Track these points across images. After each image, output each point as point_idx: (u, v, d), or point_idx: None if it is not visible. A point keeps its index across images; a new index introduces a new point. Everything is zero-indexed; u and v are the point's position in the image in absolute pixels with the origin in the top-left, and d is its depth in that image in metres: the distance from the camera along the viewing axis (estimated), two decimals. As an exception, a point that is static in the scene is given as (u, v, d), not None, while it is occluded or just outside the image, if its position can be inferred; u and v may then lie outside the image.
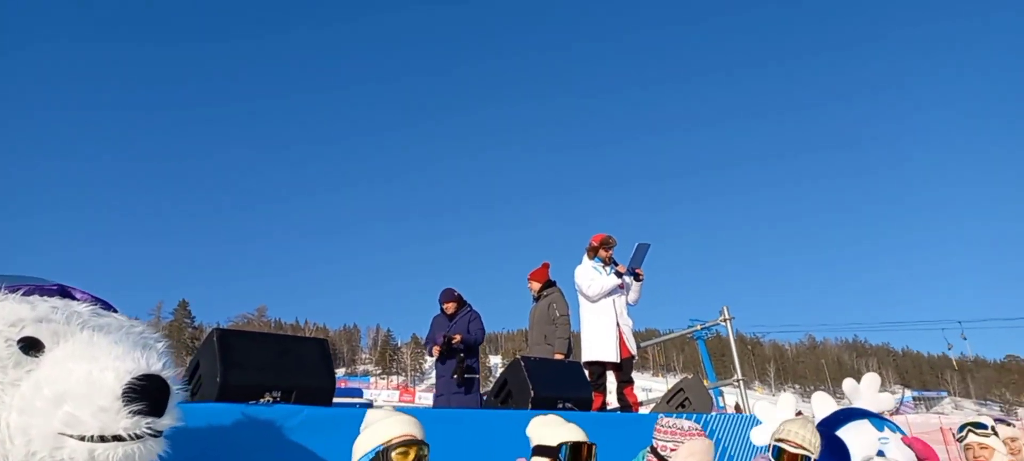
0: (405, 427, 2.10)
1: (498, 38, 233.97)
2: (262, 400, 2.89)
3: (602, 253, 6.35)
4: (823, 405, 4.15)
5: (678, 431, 2.63)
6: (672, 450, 2.59)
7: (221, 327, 3.03)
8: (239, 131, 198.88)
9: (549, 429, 2.49)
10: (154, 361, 1.46)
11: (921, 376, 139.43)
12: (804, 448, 2.85)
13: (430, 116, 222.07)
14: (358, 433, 3.05)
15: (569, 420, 2.58)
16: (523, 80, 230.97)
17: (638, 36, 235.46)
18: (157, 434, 1.43)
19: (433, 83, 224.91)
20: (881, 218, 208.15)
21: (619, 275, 6.24)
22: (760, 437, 4.19)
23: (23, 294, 1.51)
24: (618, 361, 6.09)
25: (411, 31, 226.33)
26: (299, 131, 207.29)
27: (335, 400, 3.43)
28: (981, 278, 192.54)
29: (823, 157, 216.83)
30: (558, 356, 6.21)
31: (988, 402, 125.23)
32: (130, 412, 1.35)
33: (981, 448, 3.59)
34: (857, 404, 4.12)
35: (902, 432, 3.74)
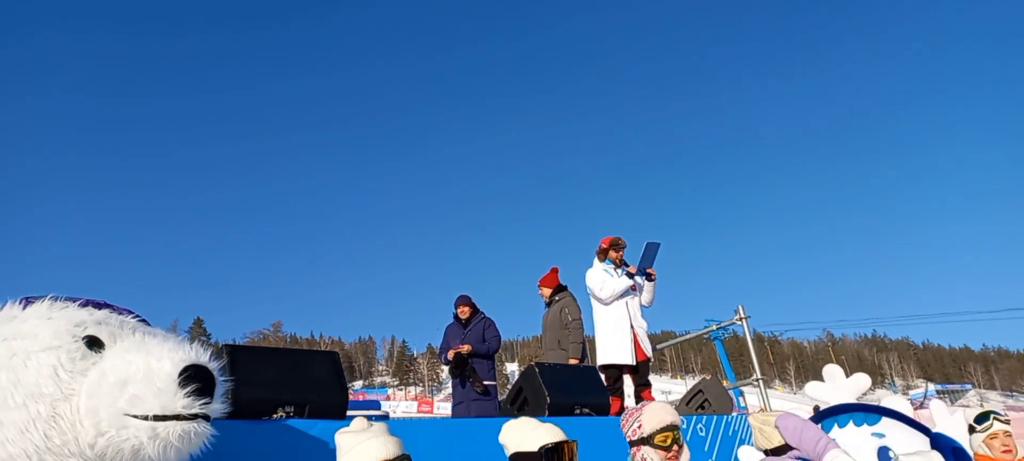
0: (384, 450, 1.88)
1: (508, 42, 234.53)
2: (274, 416, 2.86)
3: (612, 255, 6.30)
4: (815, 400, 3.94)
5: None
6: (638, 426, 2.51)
7: (231, 343, 3.00)
8: (253, 145, 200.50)
9: (525, 433, 2.23)
10: (202, 353, 1.70)
11: (943, 369, 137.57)
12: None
13: (443, 125, 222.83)
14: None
15: (544, 421, 2.34)
16: (533, 83, 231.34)
17: (648, 34, 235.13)
18: (207, 418, 1.63)
19: (445, 92, 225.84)
20: (897, 211, 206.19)
21: (630, 276, 6.18)
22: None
23: (79, 306, 1.75)
24: (634, 363, 6.02)
25: (428, 45, 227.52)
26: (313, 145, 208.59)
27: (350, 413, 3.39)
28: (1002, 268, 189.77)
29: (836, 152, 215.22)
30: (573, 361, 6.15)
31: (1014, 393, 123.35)
32: (186, 393, 1.57)
33: (1007, 436, 3.52)
34: (832, 401, 3.50)
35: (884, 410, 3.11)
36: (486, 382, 6.27)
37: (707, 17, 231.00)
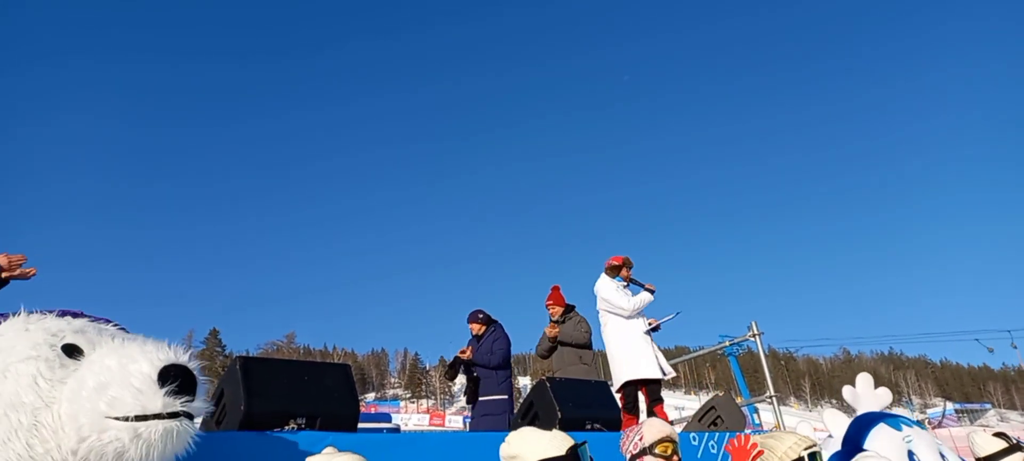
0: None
1: (523, 52, 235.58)
2: (287, 427, 2.87)
3: (624, 273, 6.41)
4: (836, 421, 4.01)
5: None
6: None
7: (245, 355, 3.02)
8: (270, 160, 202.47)
9: (543, 442, 2.15)
10: (181, 354, 1.70)
11: (962, 388, 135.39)
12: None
13: (457, 135, 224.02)
14: (384, 458, 3.02)
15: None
16: (546, 95, 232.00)
17: (659, 47, 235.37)
18: (190, 417, 1.63)
19: (461, 102, 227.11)
20: (914, 226, 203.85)
21: (650, 292, 6.36)
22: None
23: (56, 316, 1.79)
24: (663, 376, 6.07)
25: (438, 47, 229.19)
26: (330, 161, 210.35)
27: (361, 425, 3.40)
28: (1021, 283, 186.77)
29: (851, 165, 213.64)
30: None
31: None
32: (166, 392, 1.57)
33: None
34: (861, 409, 3.98)
35: (918, 425, 3.59)
36: (496, 396, 6.17)
37: (718, 23, 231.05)
